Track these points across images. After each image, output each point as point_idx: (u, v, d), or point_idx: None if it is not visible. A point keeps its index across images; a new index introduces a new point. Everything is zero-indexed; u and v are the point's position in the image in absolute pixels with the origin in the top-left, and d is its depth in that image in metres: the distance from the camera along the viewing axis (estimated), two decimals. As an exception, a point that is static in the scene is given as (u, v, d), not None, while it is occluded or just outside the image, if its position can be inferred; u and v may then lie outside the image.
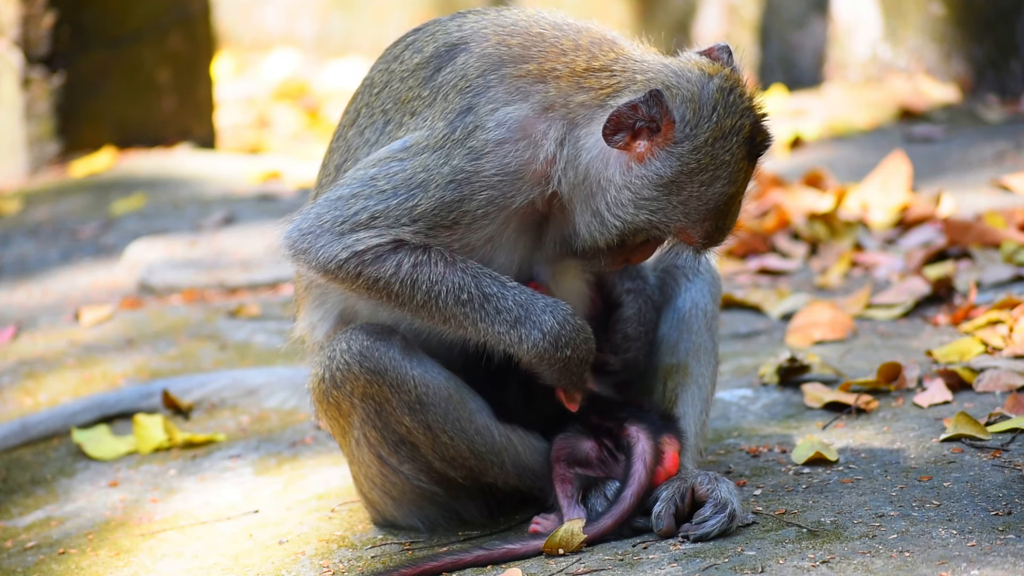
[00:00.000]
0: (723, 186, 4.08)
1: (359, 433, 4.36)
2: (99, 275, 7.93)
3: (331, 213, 4.17)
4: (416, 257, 4.14)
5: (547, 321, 4.17)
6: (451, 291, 4.15)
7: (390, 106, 4.31)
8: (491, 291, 4.17)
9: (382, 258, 4.15)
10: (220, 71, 13.58)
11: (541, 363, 4.19)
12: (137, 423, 5.58)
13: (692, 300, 4.51)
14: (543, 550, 4.11)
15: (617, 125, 4.05)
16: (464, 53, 4.20)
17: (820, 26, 11.76)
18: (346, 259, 4.16)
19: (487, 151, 4.10)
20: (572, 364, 4.20)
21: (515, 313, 4.17)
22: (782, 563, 3.82)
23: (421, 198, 4.12)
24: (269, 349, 6.38)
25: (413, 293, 4.16)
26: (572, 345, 4.18)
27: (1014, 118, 9.96)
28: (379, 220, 4.14)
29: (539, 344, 4.17)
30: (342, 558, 4.39)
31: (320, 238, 4.17)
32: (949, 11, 10.49)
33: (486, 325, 4.16)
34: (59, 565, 4.78)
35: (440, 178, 4.11)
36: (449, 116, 4.14)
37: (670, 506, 4.13)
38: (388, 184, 4.15)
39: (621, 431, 4.27)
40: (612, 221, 4.13)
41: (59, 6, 9.92)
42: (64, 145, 10.06)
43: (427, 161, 4.13)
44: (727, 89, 4.07)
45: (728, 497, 4.09)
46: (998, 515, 4.00)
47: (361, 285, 4.18)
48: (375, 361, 4.22)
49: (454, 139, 4.12)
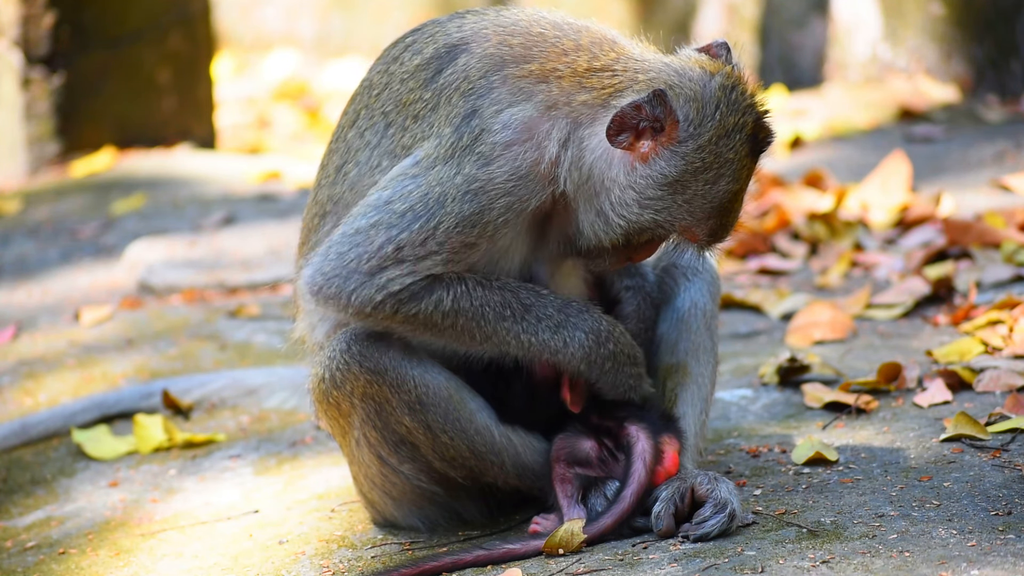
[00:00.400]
0: (727, 184, 4.08)
1: (359, 433, 4.35)
2: (99, 275, 7.93)
3: (354, 251, 4.11)
4: (455, 291, 4.12)
5: (586, 321, 4.19)
6: (494, 310, 4.15)
7: (391, 108, 4.29)
8: (529, 302, 4.18)
9: (419, 296, 4.12)
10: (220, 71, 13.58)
11: (589, 365, 4.20)
12: (137, 423, 5.58)
13: (691, 300, 4.51)
14: (543, 550, 4.11)
15: (621, 125, 4.05)
16: (465, 54, 4.19)
17: (820, 26, 11.76)
18: (381, 300, 4.11)
19: (496, 155, 4.09)
20: (620, 362, 4.21)
21: (556, 319, 4.18)
22: (782, 563, 3.82)
23: (441, 216, 4.08)
24: (269, 349, 6.37)
25: (455, 321, 4.15)
26: (613, 339, 4.21)
27: (1014, 118, 9.96)
28: (405, 251, 4.09)
29: (584, 344, 4.18)
30: (342, 558, 4.39)
31: (349, 281, 4.11)
32: (949, 11, 10.49)
33: (529, 336, 4.17)
34: (59, 565, 4.78)
35: (455, 189, 4.08)
36: (455, 121, 4.13)
37: (669, 506, 4.13)
38: (405, 205, 4.10)
39: (621, 430, 4.27)
40: (617, 221, 4.13)
41: (59, 6, 9.92)
42: (64, 145, 10.06)
43: (440, 174, 4.10)
44: (729, 87, 4.07)
45: (728, 497, 4.09)
46: (998, 515, 4.00)
47: (399, 320, 4.16)
48: (375, 361, 4.22)
49: (462, 145, 4.10)
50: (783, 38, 12.11)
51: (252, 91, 14.88)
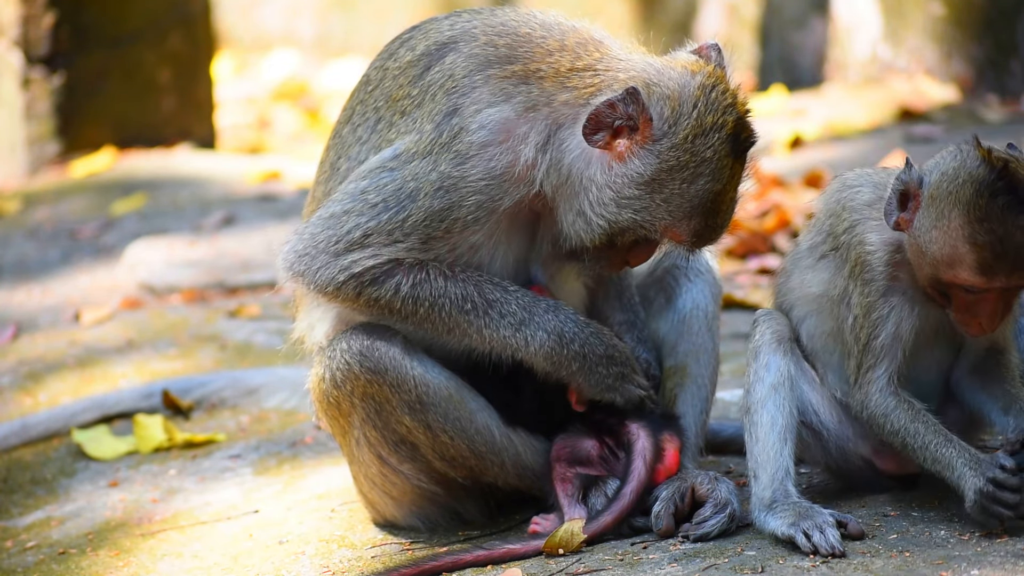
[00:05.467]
0: (706, 183, 4.07)
1: (359, 433, 4.36)
2: (99, 275, 7.93)
3: (325, 232, 4.19)
4: (414, 277, 4.17)
5: (550, 320, 4.18)
6: (454, 303, 4.17)
7: (381, 103, 4.33)
8: (494, 297, 4.18)
9: (380, 280, 4.18)
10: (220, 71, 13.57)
11: (554, 365, 4.20)
12: (137, 423, 5.58)
13: (693, 301, 4.51)
14: (543, 550, 4.11)
15: (596, 124, 4.05)
16: (453, 52, 4.22)
17: (820, 26, 11.76)
18: (344, 281, 4.19)
19: (472, 154, 4.12)
20: (591, 362, 4.20)
21: (519, 316, 4.18)
22: (782, 563, 3.82)
23: (411, 209, 4.14)
24: (269, 349, 6.37)
25: (415, 308, 4.18)
26: (579, 340, 4.19)
27: (1014, 118, 9.96)
28: (372, 237, 4.16)
29: (546, 343, 4.18)
30: (342, 558, 4.39)
31: (316, 259, 4.20)
32: (949, 11, 10.50)
33: (491, 331, 4.17)
34: (59, 565, 4.79)
35: (428, 185, 4.13)
36: (436, 118, 4.16)
37: (669, 505, 4.13)
38: (378, 197, 4.17)
39: (622, 428, 4.27)
40: (596, 220, 4.12)
41: (59, 6, 9.91)
42: (64, 145, 10.05)
43: (416, 169, 4.15)
44: (709, 86, 4.06)
45: (728, 497, 4.10)
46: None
47: (362, 304, 4.22)
48: (375, 360, 4.22)
49: (440, 143, 4.14)
50: (783, 38, 12.11)
51: (252, 91, 14.87)
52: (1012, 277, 3.75)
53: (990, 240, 3.69)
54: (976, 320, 3.85)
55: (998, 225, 3.69)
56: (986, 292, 3.81)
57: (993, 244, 3.69)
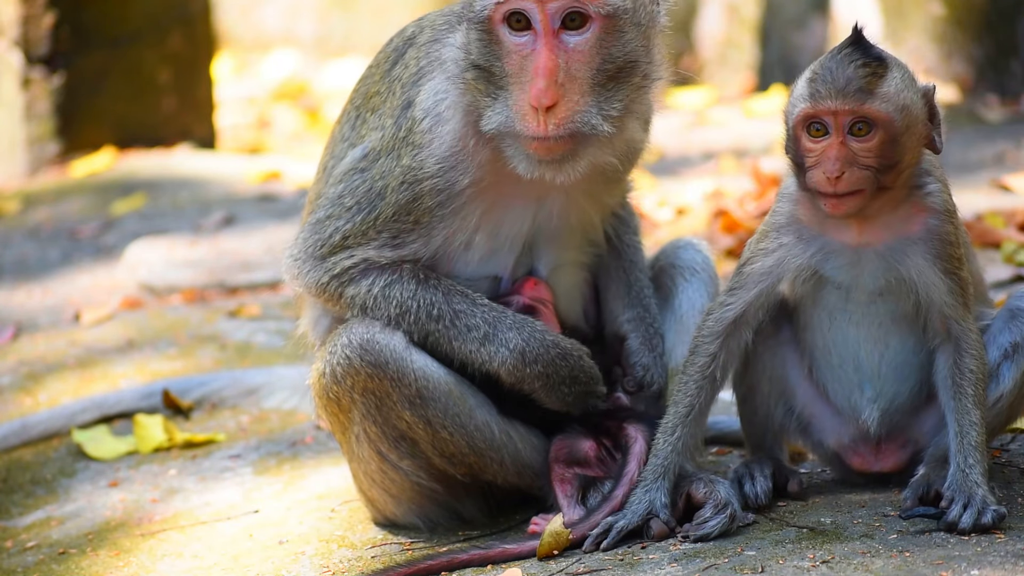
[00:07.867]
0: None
1: (359, 429, 4.36)
2: (99, 275, 7.93)
3: (312, 238, 4.36)
4: (387, 276, 4.28)
5: (512, 339, 4.23)
6: (423, 307, 4.26)
7: (360, 101, 4.46)
8: (460, 308, 4.25)
9: (356, 279, 4.30)
10: (220, 71, 13.57)
11: (517, 381, 4.25)
12: (137, 423, 5.59)
13: (689, 300, 4.51)
14: (538, 557, 4.10)
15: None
16: (413, 47, 4.34)
17: (820, 26, 11.77)
18: (327, 283, 4.33)
19: (424, 143, 4.23)
20: (555, 381, 4.23)
21: (483, 331, 4.24)
22: (782, 563, 3.82)
23: (381, 207, 4.27)
24: (269, 349, 6.38)
25: (387, 309, 4.27)
26: (542, 361, 4.23)
27: (1014, 118, 9.96)
28: (350, 239, 4.30)
29: (507, 361, 4.23)
30: (342, 558, 4.39)
31: (306, 264, 4.36)
32: (949, 11, 10.50)
33: (459, 343, 4.25)
34: (59, 565, 4.79)
35: (394, 180, 4.25)
36: (395, 113, 4.29)
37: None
38: (352, 200, 4.31)
39: (620, 431, 4.27)
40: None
41: (59, 6, 9.92)
42: (64, 145, 10.06)
43: (383, 167, 4.27)
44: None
45: (728, 498, 4.10)
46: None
47: (344, 304, 4.33)
48: (376, 354, 4.24)
49: (399, 137, 4.26)
50: (783, 38, 12.12)
51: (252, 91, 14.88)
52: (836, 99, 4.02)
53: (815, 70, 4.09)
54: (827, 177, 4.07)
55: (823, 59, 4.11)
56: (826, 137, 4.06)
57: (816, 71, 4.08)
